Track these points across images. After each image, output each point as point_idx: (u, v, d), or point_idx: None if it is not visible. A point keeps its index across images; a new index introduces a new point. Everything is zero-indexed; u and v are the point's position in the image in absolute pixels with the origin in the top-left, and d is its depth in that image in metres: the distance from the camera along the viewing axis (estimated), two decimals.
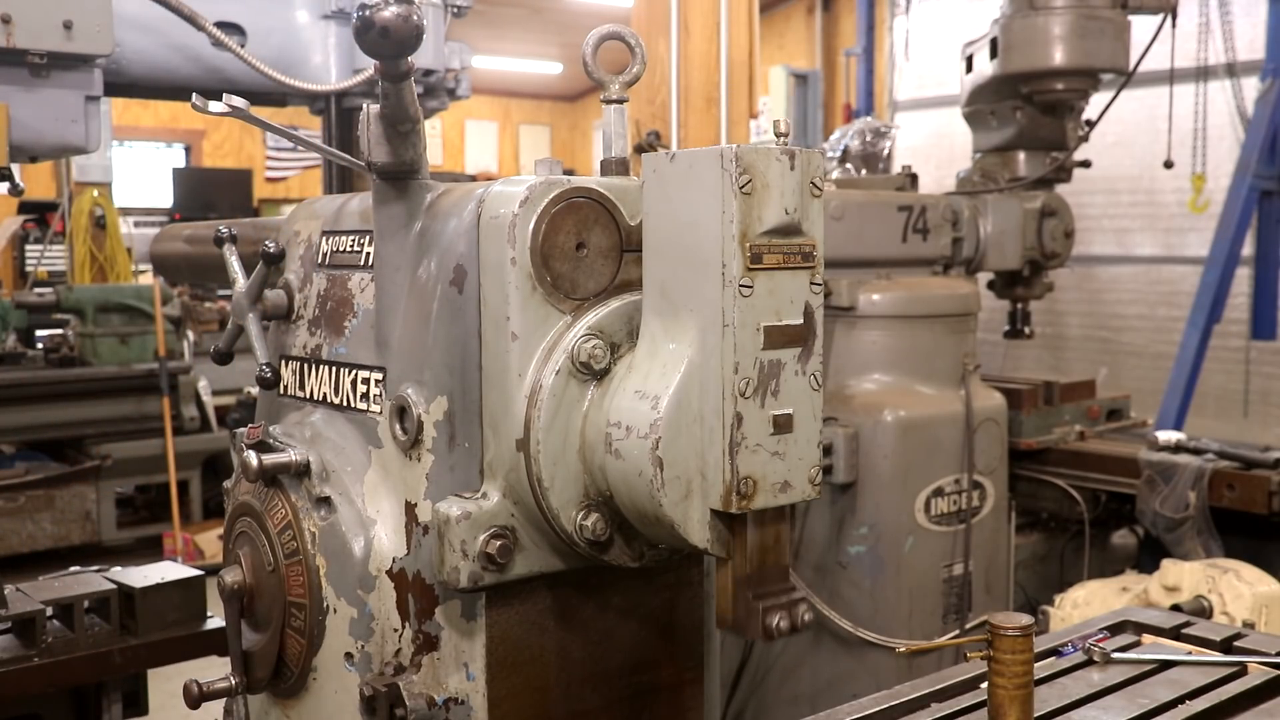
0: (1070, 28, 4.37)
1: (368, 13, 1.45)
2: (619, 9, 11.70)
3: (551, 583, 1.69)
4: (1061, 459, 4.34)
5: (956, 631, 3.74)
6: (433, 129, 16.49)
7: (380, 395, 1.80)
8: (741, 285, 1.42)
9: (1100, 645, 1.93)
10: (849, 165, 4.81)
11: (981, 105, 4.79)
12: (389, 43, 1.47)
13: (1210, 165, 7.70)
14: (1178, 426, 6.10)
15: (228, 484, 2.04)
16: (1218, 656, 1.93)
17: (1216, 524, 3.82)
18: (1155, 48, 4.48)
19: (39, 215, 10.95)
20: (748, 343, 1.44)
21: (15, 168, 3.14)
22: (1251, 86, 7.48)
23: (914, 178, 4.31)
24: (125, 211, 10.79)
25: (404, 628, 1.75)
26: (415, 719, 1.68)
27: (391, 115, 1.67)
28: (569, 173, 1.74)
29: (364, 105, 1.70)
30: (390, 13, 1.44)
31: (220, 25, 3.49)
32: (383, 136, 1.69)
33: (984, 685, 1.66)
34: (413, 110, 1.66)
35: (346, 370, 1.88)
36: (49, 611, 2.80)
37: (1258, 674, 1.85)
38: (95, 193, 9.19)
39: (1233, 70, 7.62)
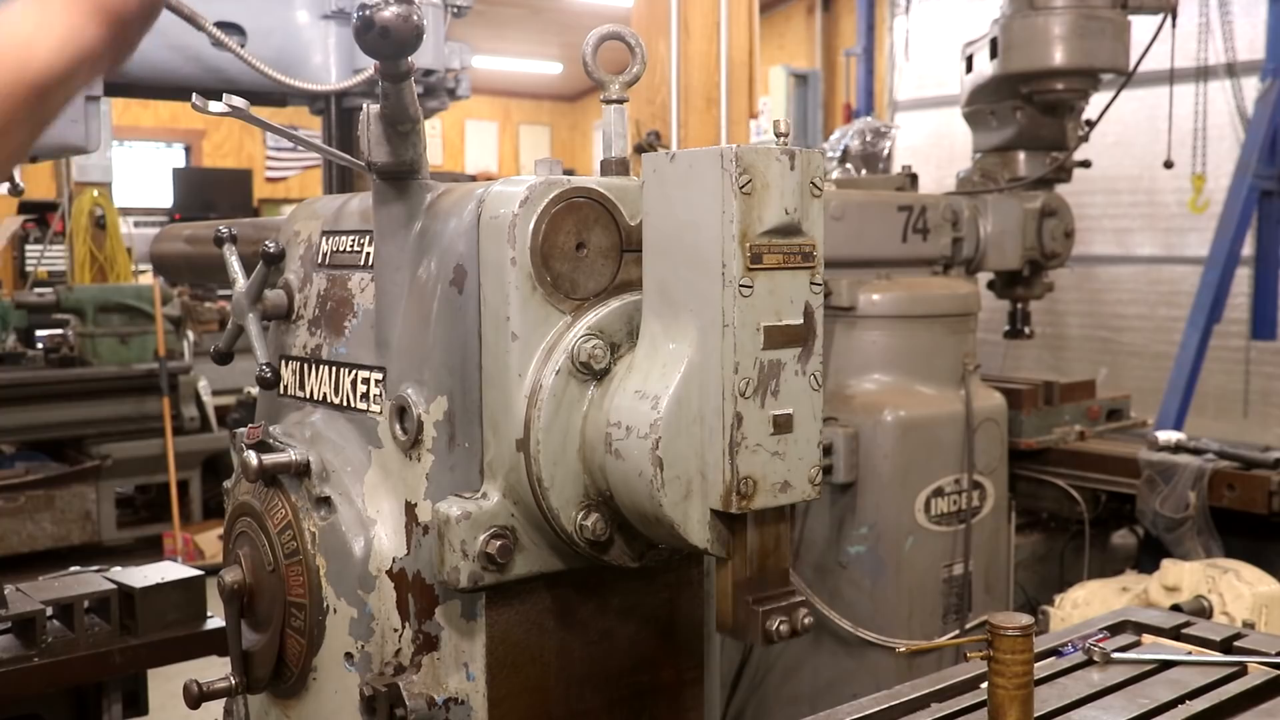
0: (1070, 28, 4.37)
1: (367, 12, 1.44)
2: (619, 9, 11.70)
3: (551, 583, 1.69)
4: (1061, 459, 4.34)
5: (956, 631, 3.74)
6: (433, 129, 16.49)
7: (380, 395, 1.80)
8: (741, 285, 1.42)
9: (1100, 645, 1.93)
10: (849, 165, 4.82)
11: (981, 105, 4.80)
12: (389, 43, 1.47)
13: (1210, 165, 7.70)
14: (1178, 426, 6.10)
15: (228, 484, 2.04)
16: (1218, 656, 1.94)
17: (1216, 524, 3.82)
18: (1155, 48, 4.48)
19: (39, 215, 10.95)
20: (748, 343, 1.44)
21: (15, 168, 3.14)
22: (1251, 86, 7.48)
23: (914, 178, 4.31)
24: (125, 211, 10.79)
25: (404, 628, 1.75)
26: (415, 719, 1.68)
27: (391, 115, 1.67)
28: (569, 173, 1.74)
29: (364, 105, 1.70)
30: (390, 13, 1.44)
31: (220, 25, 3.47)
32: (383, 136, 1.69)
33: (984, 685, 1.66)
34: (413, 110, 1.66)
35: (346, 370, 1.88)
36: (49, 611, 2.79)
37: (1258, 674, 1.85)
38: (95, 193, 9.19)
39: (1233, 70, 7.62)
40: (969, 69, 4.84)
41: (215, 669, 2.05)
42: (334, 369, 1.91)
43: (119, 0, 1.06)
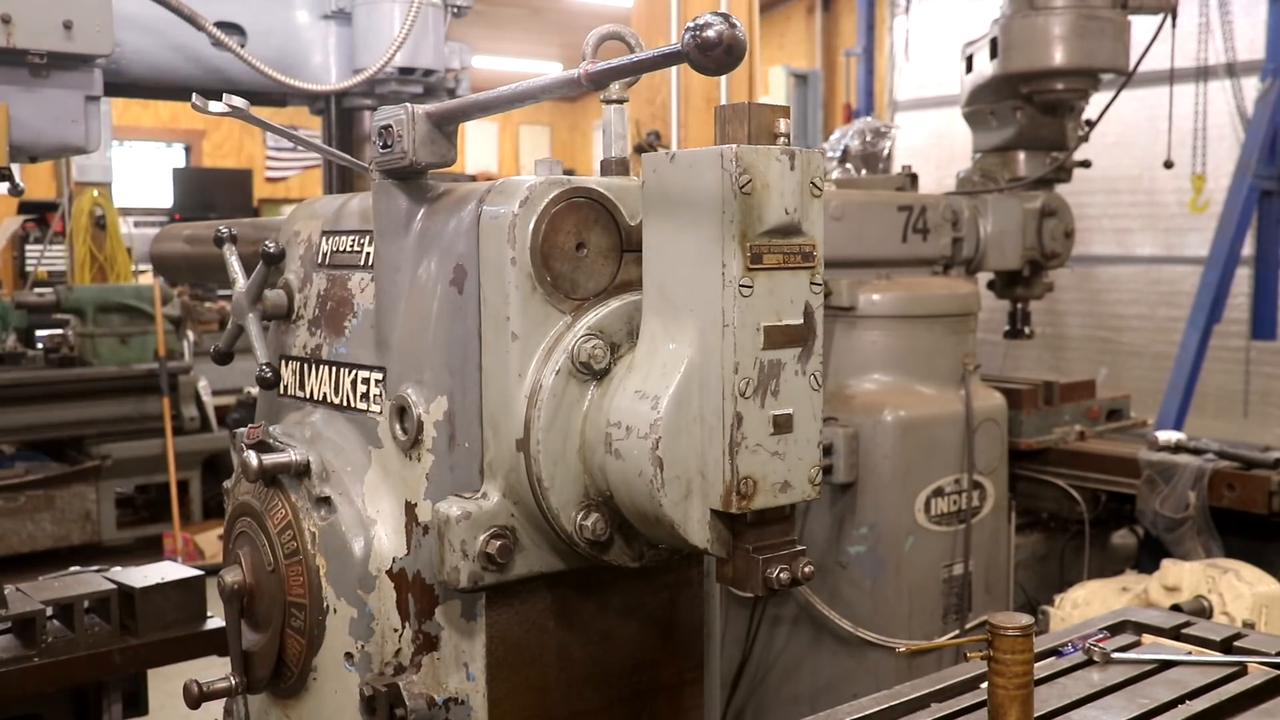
0: (1070, 28, 4.37)
1: (710, 33, 1.30)
2: (619, 9, 11.70)
3: (551, 583, 1.68)
4: (1061, 459, 4.34)
5: (956, 631, 3.74)
6: None
7: (380, 395, 1.80)
8: (741, 285, 1.42)
9: (1100, 645, 1.93)
10: (849, 165, 4.81)
11: (981, 105, 4.79)
12: (732, 58, 1.33)
13: (1210, 165, 7.70)
14: (1178, 426, 6.10)
15: (228, 484, 2.04)
16: (1218, 656, 1.94)
17: (1216, 524, 3.82)
18: (1155, 48, 4.48)
19: (39, 215, 10.94)
20: (748, 343, 1.44)
21: (15, 168, 3.14)
22: (1251, 86, 7.48)
23: (914, 178, 4.31)
24: (125, 211, 10.78)
25: (404, 628, 1.75)
26: (415, 719, 1.68)
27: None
28: (569, 173, 1.74)
29: (408, 107, 1.69)
30: (728, 29, 1.30)
31: (220, 25, 3.49)
32: (429, 137, 1.69)
33: (984, 685, 1.66)
34: None
35: (346, 370, 1.88)
36: (49, 611, 2.79)
37: (1258, 674, 1.85)
38: (95, 193, 9.19)
39: (1233, 70, 7.63)
40: (969, 69, 4.84)
41: (215, 669, 2.05)
42: (334, 369, 1.91)
43: None
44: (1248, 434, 6.76)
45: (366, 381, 1.84)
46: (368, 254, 1.86)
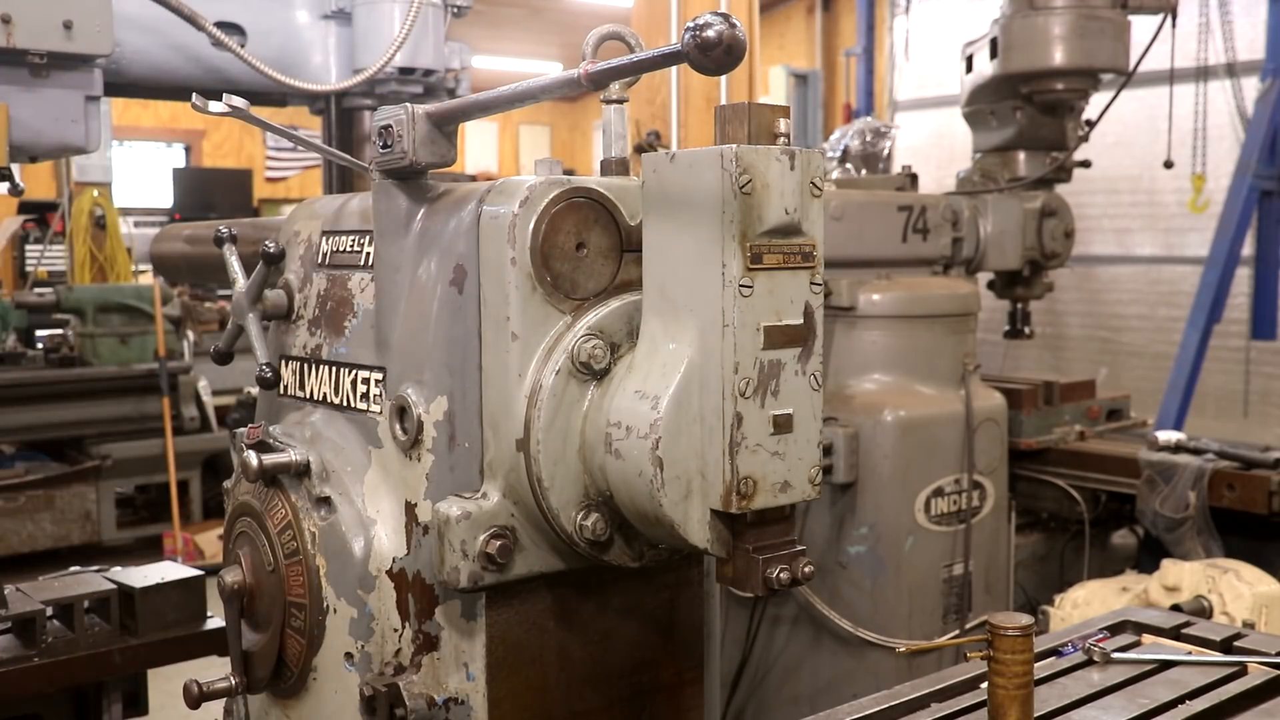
0: (1070, 28, 4.37)
1: (710, 33, 1.29)
2: (619, 9, 11.71)
3: (551, 583, 1.69)
4: (1061, 459, 4.34)
5: (956, 631, 3.74)
6: None
7: (380, 395, 1.80)
8: (741, 285, 1.42)
9: (1100, 645, 1.93)
10: (849, 165, 4.82)
11: (981, 105, 4.80)
12: (732, 58, 1.32)
13: (1210, 165, 7.71)
14: (1178, 426, 6.10)
15: (228, 484, 2.04)
16: (1218, 656, 1.94)
17: (1216, 524, 3.82)
18: (1155, 48, 4.48)
19: (39, 215, 10.95)
20: (748, 343, 1.44)
21: (15, 168, 3.14)
22: (1251, 86, 7.49)
23: (914, 178, 4.31)
24: (125, 211, 10.78)
25: (404, 628, 1.75)
26: (415, 719, 1.68)
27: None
28: (569, 173, 1.74)
29: (409, 107, 1.69)
30: (728, 29, 1.29)
31: (220, 25, 3.49)
32: (428, 137, 1.69)
33: (984, 685, 1.66)
34: None
35: (346, 370, 1.88)
36: (49, 611, 2.79)
37: (1258, 674, 1.85)
38: (95, 193, 9.19)
39: (1233, 70, 7.63)
40: (969, 69, 4.84)
41: (215, 669, 2.05)
42: (334, 369, 1.91)
43: None
44: (1248, 434, 6.76)
45: (366, 381, 1.84)
46: (368, 254, 1.86)
